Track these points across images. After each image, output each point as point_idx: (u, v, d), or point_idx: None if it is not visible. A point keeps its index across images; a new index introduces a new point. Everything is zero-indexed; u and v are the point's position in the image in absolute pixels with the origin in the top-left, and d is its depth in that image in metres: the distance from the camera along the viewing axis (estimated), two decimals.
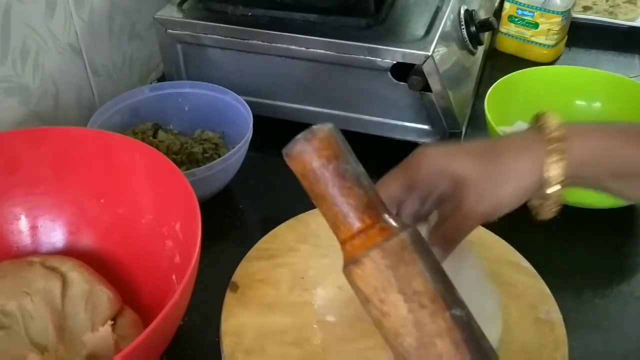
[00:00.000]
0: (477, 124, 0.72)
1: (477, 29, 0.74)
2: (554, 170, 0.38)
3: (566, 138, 0.38)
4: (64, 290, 0.48)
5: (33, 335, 0.46)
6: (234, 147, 0.61)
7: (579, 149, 0.38)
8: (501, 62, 0.89)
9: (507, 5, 0.88)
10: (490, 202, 0.39)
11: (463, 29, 0.73)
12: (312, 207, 0.60)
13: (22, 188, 0.53)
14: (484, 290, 0.49)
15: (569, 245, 0.61)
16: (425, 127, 0.68)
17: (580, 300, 0.55)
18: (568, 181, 0.39)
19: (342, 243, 0.37)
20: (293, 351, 0.47)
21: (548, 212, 0.41)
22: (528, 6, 0.86)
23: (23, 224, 0.54)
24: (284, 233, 0.57)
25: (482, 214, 0.40)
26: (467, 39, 0.74)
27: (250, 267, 0.53)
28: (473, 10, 0.75)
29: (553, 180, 0.39)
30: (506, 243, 0.56)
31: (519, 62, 0.87)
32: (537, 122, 0.40)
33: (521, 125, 0.70)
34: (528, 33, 0.87)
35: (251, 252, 0.55)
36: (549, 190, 0.39)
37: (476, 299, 0.41)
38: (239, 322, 0.49)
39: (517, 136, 0.41)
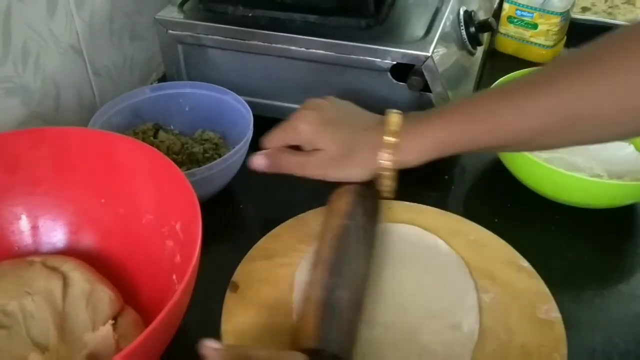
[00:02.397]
0: None
1: (476, 30, 0.74)
2: (386, 162, 0.50)
3: (398, 141, 0.50)
4: (65, 290, 0.48)
5: (34, 335, 0.46)
6: (234, 147, 0.61)
7: (407, 150, 0.50)
8: (500, 63, 0.89)
9: (506, 6, 0.88)
10: (327, 173, 0.53)
11: (462, 29, 0.73)
12: (312, 207, 0.60)
13: (23, 188, 0.53)
14: (467, 285, 0.53)
15: (569, 245, 0.61)
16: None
17: (579, 300, 0.55)
18: (398, 167, 0.51)
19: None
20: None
21: (386, 193, 0.53)
22: (527, 7, 0.86)
23: (24, 223, 0.54)
24: (284, 233, 0.57)
25: (317, 175, 0.53)
26: (466, 39, 0.74)
27: (250, 267, 0.53)
28: (472, 11, 0.75)
29: (382, 170, 0.51)
30: (506, 243, 0.56)
31: (518, 63, 0.87)
32: (384, 117, 0.52)
33: None
34: (527, 34, 0.88)
35: (251, 252, 0.55)
36: (383, 174, 0.51)
37: (459, 291, 0.52)
38: (239, 322, 0.49)
39: (369, 129, 0.52)
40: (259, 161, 0.56)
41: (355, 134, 0.52)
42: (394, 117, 0.51)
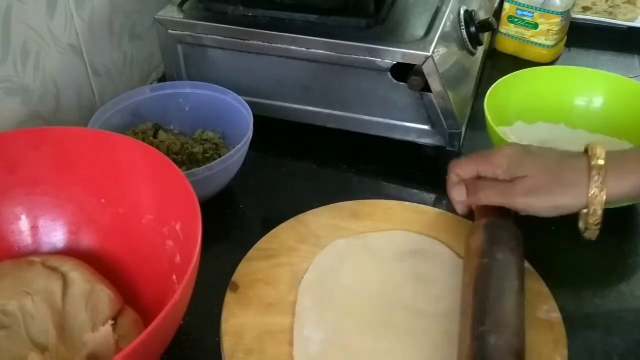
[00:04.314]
0: (477, 124, 0.72)
1: (476, 29, 0.74)
2: (594, 191, 0.47)
3: (607, 165, 0.47)
4: (65, 290, 0.48)
5: (33, 335, 0.46)
6: (234, 147, 0.61)
7: (619, 175, 0.47)
8: (501, 63, 0.89)
9: (506, 5, 0.88)
10: (534, 202, 0.49)
11: (463, 29, 0.73)
12: (312, 207, 0.60)
13: (23, 188, 0.53)
14: None
15: (569, 245, 0.61)
16: (425, 127, 0.68)
17: (579, 300, 0.55)
18: (607, 202, 0.47)
19: None
20: None
21: (590, 231, 0.50)
22: (527, 6, 0.86)
23: (24, 223, 0.54)
24: (284, 233, 0.57)
25: (525, 205, 0.50)
26: (466, 39, 0.74)
27: (250, 267, 0.53)
28: (473, 10, 0.75)
29: (593, 201, 0.47)
30: None
31: (518, 62, 0.87)
32: (586, 152, 0.49)
33: (521, 125, 0.70)
34: (527, 33, 0.88)
35: (251, 252, 0.55)
36: (589, 209, 0.48)
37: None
38: (239, 322, 0.49)
39: (573, 156, 0.49)
40: (459, 192, 0.54)
41: (561, 160, 0.50)
42: (598, 146, 0.49)
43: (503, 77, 0.70)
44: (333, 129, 0.72)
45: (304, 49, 0.67)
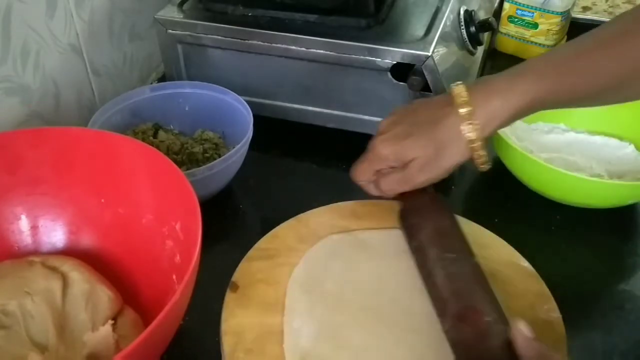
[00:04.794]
0: None
1: (476, 29, 0.74)
2: (469, 133, 0.50)
3: (475, 111, 0.50)
4: (65, 290, 0.48)
5: (33, 335, 0.46)
6: (234, 147, 0.61)
7: (488, 116, 0.50)
8: (501, 63, 0.89)
9: (506, 5, 0.88)
10: (432, 173, 0.53)
11: (463, 29, 0.73)
12: (312, 207, 0.60)
13: (23, 188, 0.53)
14: None
15: (569, 245, 0.61)
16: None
17: (579, 300, 0.55)
18: (487, 135, 0.51)
19: None
20: None
21: (483, 164, 0.52)
22: (527, 6, 0.86)
23: (24, 223, 0.54)
24: (284, 233, 0.57)
25: (425, 180, 0.53)
26: (466, 39, 0.74)
27: (250, 267, 0.53)
28: (473, 10, 0.75)
29: (472, 146, 0.50)
30: (506, 243, 0.56)
31: (518, 62, 0.86)
32: (449, 94, 0.51)
33: (520, 125, 0.70)
34: (528, 33, 0.88)
35: (251, 252, 0.55)
36: (472, 146, 0.51)
37: None
38: (239, 322, 0.49)
39: (442, 116, 0.51)
40: (371, 190, 0.56)
41: (433, 127, 0.51)
42: (459, 89, 0.51)
43: None
44: (333, 129, 0.72)
45: (304, 49, 0.67)
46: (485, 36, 0.80)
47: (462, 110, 0.50)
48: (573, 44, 0.51)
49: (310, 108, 0.72)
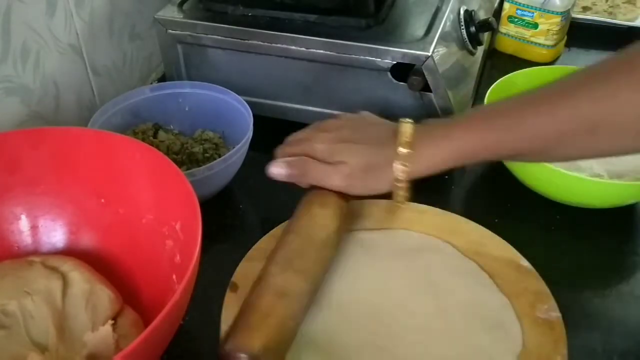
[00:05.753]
0: None
1: (476, 29, 0.74)
2: (399, 173, 0.51)
3: (413, 152, 0.50)
4: (65, 290, 0.48)
5: (33, 335, 0.46)
6: (234, 147, 0.61)
7: (421, 160, 0.51)
8: (501, 62, 0.89)
9: (506, 5, 0.88)
10: (352, 187, 0.53)
11: (463, 29, 0.73)
12: None
13: (23, 188, 0.53)
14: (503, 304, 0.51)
15: (569, 245, 0.61)
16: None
17: (579, 300, 0.55)
18: (412, 178, 0.51)
19: None
20: None
21: (401, 200, 0.53)
22: (527, 6, 0.86)
23: (24, 223, 0.54)
24: None
25: (339, 187, 0.53)
26: (466, 39, 0.74)
27: (250, 267, 0.53)
28: (473, 10, 0.75)
29: (398, 181, 0.51)
30: (506, 242, 0.56)
31: (518, 62, 0.87)
32: (397, 128, 0.52)
33: None
34: (528, 33, 0.88)
35: (251, 252, 0.55)
36: (396, 184, 0.52)
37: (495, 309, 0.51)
38: None
39: (384, 144, 0.52)
40: (279, 170, 0.55)
41: (371, 149, 0.53)
42: (407, 128, 0.51)
43: (503, 77, 0.70)
44: None
45: (304, 49, 0.67)
46: (485, 36, 0.80)
47: (401, 150, 0.50)
48: (516, 97, 0.50)
49: (310, 108, 0.72)
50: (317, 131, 0.56)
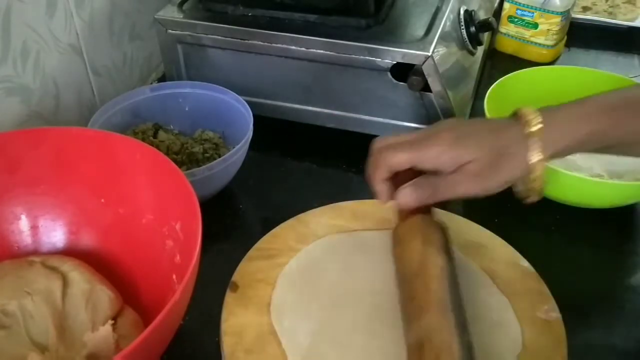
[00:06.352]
0: None
1: (476, 29, 0.74)
2: (536, 153, 0.46)
3: (542, 129, 0.46)
4: (65, 290, 0.48)
5: (33, 335, 0.46)
6: (234, 147, 0.61)
7: (555, 137, 0.46)
8: (501, 62, 0.89)
9: (506, 5, 0.88)
10: (486, 184, 0.47)
11: (463, 29, 0.73)
12: (312, 207, 0.60)
13: (23, 188, 0.53)
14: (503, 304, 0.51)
15: (569, 245, 0.61)
16: (425, 127, 0.68)
17: (579, 300, 0.55)
18: (547, 162, 0.47)
19: None
20: None
21: (534, 194, 0.49)
22: (527, 6, 0.86)
23: (24, 223, 0.54)
24: (284, 233, 0.57)
25: (471, 191, 0.48)
26: (466, 39, 0.74)
27: (250, 267, 0.53)
28: (473, 10, 0.75)
29: (535, 168, 0.46)
30: (506, 243, 0.56)
31: (518, 62, 0.87)
32: (516, 116, 0.48)
33: None
34: (527, 33, 0.88)
35: (251, 252, 0.55)
36: (532, 175, 0.47)
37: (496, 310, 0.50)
38: (239, 322, 0.49)
39: (508, 126, 0.47)
40: (411, 196, 0.48)
41: (496, 135, 0.47)
42: (531, 111, 0.47)
43: (503, 77, 0.70)
44: (333, 129, 0.72)
45: (304, 49, 0.67)
46: (485, 36, 0.80)
47: (533, 127, 0.46)
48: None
49: (310, 108, 0.72)
50: (431, 133, 0.49)
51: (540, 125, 0.46)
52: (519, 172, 0.47)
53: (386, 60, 0.65)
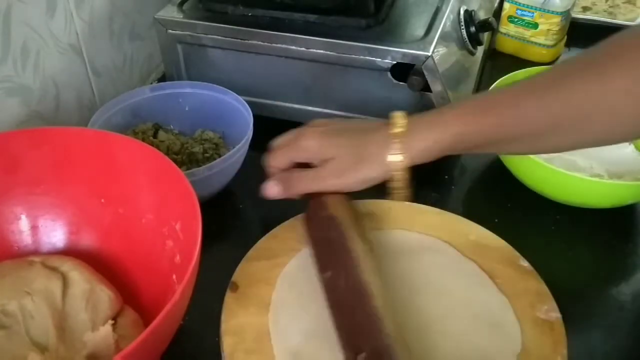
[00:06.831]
0: None
1: (476, 29, 0.74)
2: (395, 157, 0.49)
3: (405, 132, 0.49)
4: (65, 290, 0.48)
5: (33, 335, 0.46)
6: (234, 147, 0.61)
7: (417, 139, 0.49)
8: (501, 62, 0.89)
9: (506, 5, 0.88)
10: (345, 181, 0.51)
11: (463, 29, 0.73)
12: None
13: (23, 188, 0.53)
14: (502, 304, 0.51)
15: (569, 245, 0.61)
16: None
17: (579, 300, 0.55)
18: (408, 165, 0.50)
19: None
20: None
21: (398, 195, 0.52)
22: (528, 6, 0.86)
23: (24, 223, 0.54)
24: (284, 233, 0.57)
25: (334, 185, 0.52)
26: (466, 39, 0.74)
27: (250, 267, 0.53)
28: (473, 10, 0.75)
29: (394, 168, 0.50)
30: (506, 243, 0.56)
31: (518, 62, 0.87)
32: (389, 120, 0.51)
33: None
34: (528, 33, 0.88)
35: (251, 252, 0.55)
36: (393, 175, 0.50)
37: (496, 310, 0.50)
38: (239, 322, 0.49)
39: (376, 130, 0.51)
40: (272, 190, 0.55)
41: (363, 136, 0.51)
42: (399, 115, 0.51)
43: (503, 77, 0.70)
44: None
45: (304, 49, 0.67)
46: (485, 36, 0.80)
47: (394, 131, 0.50)
48: (510, 86, 0.50)
49: (310, 108, 0.72)
50: (304, 129, 0.54)
51: (402, 129, 0.49)
52: (377, 172, 0.50)
53: (386, 60, 0.65)
